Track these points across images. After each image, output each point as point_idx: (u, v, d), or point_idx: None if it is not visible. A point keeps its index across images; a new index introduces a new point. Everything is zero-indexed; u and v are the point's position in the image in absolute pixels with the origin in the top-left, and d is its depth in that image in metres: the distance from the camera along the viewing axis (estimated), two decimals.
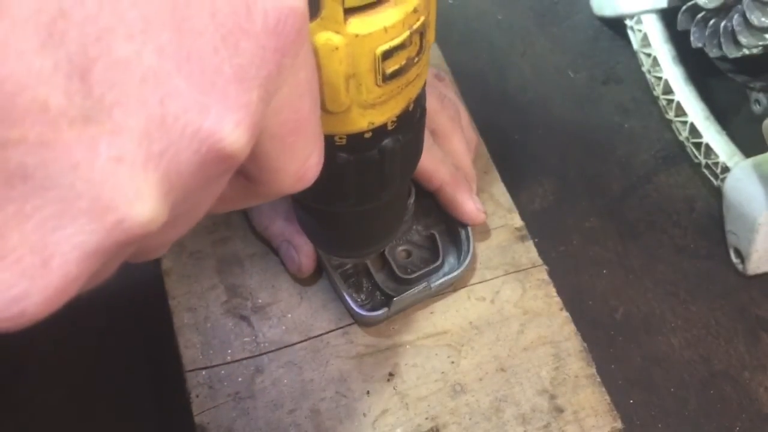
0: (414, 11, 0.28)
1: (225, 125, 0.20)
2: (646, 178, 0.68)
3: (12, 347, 0.52)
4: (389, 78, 0.29)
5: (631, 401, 0.56)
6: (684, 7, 0.62)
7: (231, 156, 0.21)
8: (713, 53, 0.60)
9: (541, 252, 0.52)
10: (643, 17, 0.70)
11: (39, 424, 0.53)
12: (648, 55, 0.70)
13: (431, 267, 0.49)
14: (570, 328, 0.49)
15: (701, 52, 0.61)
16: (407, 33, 0.28)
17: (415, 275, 0.48)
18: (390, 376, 0.47)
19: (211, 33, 0.20)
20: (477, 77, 0.73)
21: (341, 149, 0.32)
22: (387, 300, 0.47)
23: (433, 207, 0.52)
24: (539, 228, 0.61)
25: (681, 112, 0.67)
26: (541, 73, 0.74)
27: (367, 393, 0.46)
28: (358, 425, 0.45)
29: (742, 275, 0.62)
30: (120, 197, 0.19)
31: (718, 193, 0.64)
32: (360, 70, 0.28)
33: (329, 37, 0.27)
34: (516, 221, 0.53)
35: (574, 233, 0.64)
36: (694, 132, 0.67)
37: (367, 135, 0.32)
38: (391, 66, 0.29)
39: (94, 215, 0.19)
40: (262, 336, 0.47)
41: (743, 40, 0.56)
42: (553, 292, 0.50)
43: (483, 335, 0.48)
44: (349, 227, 0.41)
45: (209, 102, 0.20)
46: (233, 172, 0.23)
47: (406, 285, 0.48)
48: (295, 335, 0.48)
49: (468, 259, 0.49)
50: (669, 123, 0.70)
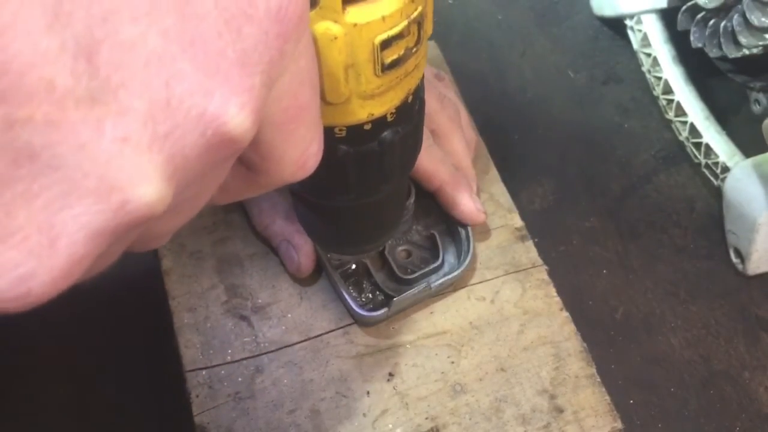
0: (411, 1, 0.28)
1: (229, 108, 0.21)
2: (646, 178, 0.68)
3: (12, 347, 0.52)
4: (388, 68, 0.29)
5: (631, 401, 0.56)
6: (684, 7, 0.62)
7: (235, 139, 0.21)
8: (713, 53, 0.60)
9: (541, 252, 0.52)
10: (643, 17, 0.70)
11: (39, 424, 0.53)
12: (648, 55, 0.70)
13: (431, 267, 0.49)
14: (570, 328, 0.49)
15: (701, 52, 0.61)
16: (405, 22, 0.28)
17: (415, 275, 0.48)
18: (390, 376, 0.47)
19: (215, 17, 0.20)
20: (477, 77, 0.74)
21: (341, 141, 0.33)
22: (387, 300, 0.47)
23: (433, 207, 0.52)
24: (539, 228, 0.61)
25: (681, 112, 0.67)
26: (541, 73, 0.74)
27: (367, 393, 0.46)
28: (358, 425, 0.45)
29: (742, 275, 0.62)
30: (125, 177, 0.19)
31: (718, 193, 0.64)
32: (359, 59, 0.28)
33: (328, 27, 0.27)
34: (516, 221, 0.53)
35: (574, 233, 0.64)
36: (694, 132, 0.67)
37: (367, 127, 0.32)
38: (390, 56, 0.29)
39: (100, 195, 0.19)
40: (262, 336, 0.47)
41: (743, 40, 0.56)
42: (553, 292, 0.50)
43: (483, 335, 0.48)
44: (350, 222, 0.41)
45: (213, 85, 0.20)
46: (236, 157, 0.23)
47: (406, 285, 0.48)
48: (295, 335, 0.48)
49: (468, 259, 0.49)
50: (669, 123, 0.70)
